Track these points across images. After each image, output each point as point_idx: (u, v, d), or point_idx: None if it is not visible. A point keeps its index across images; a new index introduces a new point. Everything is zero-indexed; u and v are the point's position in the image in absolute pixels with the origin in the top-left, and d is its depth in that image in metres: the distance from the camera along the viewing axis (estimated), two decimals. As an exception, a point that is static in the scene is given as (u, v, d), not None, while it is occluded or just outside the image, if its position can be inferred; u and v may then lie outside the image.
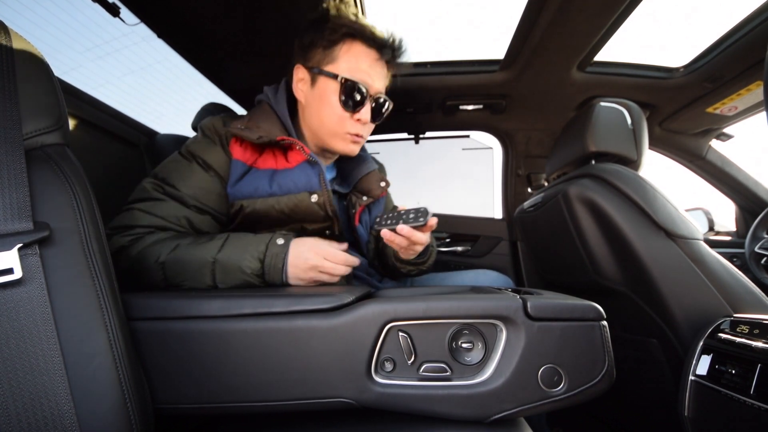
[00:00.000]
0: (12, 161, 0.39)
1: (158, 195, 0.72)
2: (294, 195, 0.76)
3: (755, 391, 0.62)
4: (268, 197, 0.76)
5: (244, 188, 0.76)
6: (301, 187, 0.77)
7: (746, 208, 1.62)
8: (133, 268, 0.65)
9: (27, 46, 0.45)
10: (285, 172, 0.78)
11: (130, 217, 0.70)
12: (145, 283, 0.66)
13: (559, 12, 0.99)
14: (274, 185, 0.76)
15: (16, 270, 0.37)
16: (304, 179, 0.77)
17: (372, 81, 0.80)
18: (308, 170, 0.78)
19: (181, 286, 0.66)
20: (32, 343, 0.37)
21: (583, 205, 0.98)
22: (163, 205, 0.71)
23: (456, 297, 0.53)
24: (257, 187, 0.76)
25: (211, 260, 0.65)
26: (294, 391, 0.49)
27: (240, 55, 1.19)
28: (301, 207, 0.77)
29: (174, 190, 0.73)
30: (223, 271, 0.65)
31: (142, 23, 1.04)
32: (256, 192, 0.76)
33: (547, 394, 0.49)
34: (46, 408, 0.37)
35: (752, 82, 1.24)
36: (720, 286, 0.83)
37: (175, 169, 0.75)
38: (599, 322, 0.51)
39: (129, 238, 0.67)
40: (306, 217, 0.78)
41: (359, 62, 0.79)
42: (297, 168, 0.78)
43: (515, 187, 1.80)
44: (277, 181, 0.77)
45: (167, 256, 0.65)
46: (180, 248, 0.66)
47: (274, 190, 0.76)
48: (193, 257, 0.65)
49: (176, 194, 0.72)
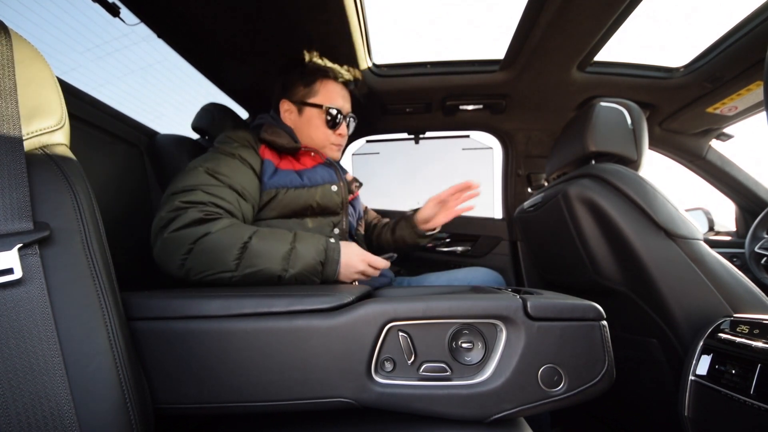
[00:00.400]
0: (12, 161, 0.39)
1: (215, 181, 0.83)
2: (320, 186, 0.99)
3: (755, 391, 0.62)
4: (301, 188, 0.96)
5: (280, 180, 0.95)
6: (326, 180, 1.01)
7: (746, 208, 1.62)
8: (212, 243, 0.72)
9: (27, 47, 0.45)
10: (308, 171, 1.00)
11: (197, 195, 0.78)
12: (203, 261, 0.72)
13: (559, 12, 0.99)
14: (305, 178, 0.98)
15: (16, 270, 0.37)
16: (327, 175, 1.02)
17: (344, 105, 1.08)
18: (328, 169, 1.04)
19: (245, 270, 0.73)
20: (32, 343, 0.37)
21: (583, 205, 0.98)
22: (222, 190, 0.82)
23: (456, 297, 0.53)
24: (291, 179, 0.96)
25: (290, 247, 0.77)
26: (294, 391, 0.49)
27: (240, 55, 1.19)
28: (325, 194, 0.99)
29: (227, 178, 0.84)
30: (297, 257, 0.76)
31: (142, 23, 1.04)
32: (291, 183, 0.96)
33: (547, 394, 0.49)
34: (46, 408, 0.37)
35: (752, 82, 1.24)
36: (720, 286, 0.83)
37: (222, 163, 0.86)
38: (599, 322, 0.51)
39: (202, 214, 0.75)
40: (325, 208, 0.99)
41: (334, 94, 1.06)
42: (318, 167, 1.02)
43: (515, 187, 1.80)
44: (306, 175, 0.99)
45: (251, 240, 0.75)
46: (258, 234, 0.77)
47: (305, 182, 0.98)
48: (273, 245, 0.76)
49: (229, 182, 0.84)
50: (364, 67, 1.32)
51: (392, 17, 4.24)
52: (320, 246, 0.80)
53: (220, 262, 0.72)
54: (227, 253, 0.72)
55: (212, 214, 0.77)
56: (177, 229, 0.73)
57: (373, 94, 1.44)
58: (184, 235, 0.72)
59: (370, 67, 1.36)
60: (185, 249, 0.71)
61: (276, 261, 0.75)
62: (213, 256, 0.72)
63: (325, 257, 0.79)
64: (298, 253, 0.77)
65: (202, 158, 0.89)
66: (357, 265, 0.83)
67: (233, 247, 0.73)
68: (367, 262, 0.85)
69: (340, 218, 1.02)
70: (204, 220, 0.75)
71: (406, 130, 1.81)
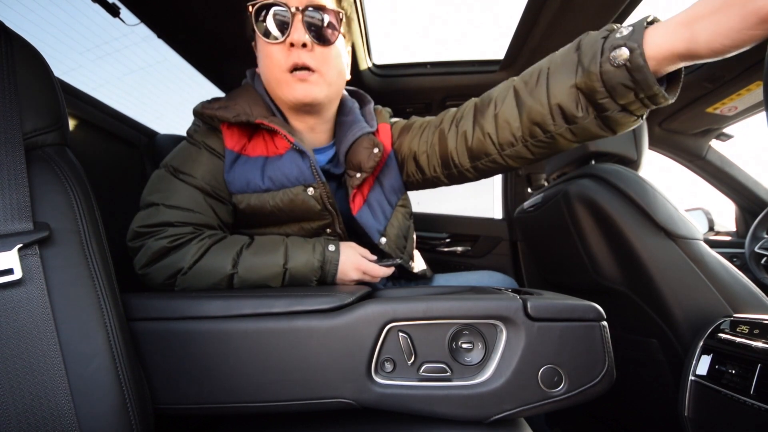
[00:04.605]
0: (12, 161, 0.39)
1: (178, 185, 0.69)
2: (289, 189, 0.72)
3: (755, 391, 0.62)
4: (263, 192, 0.73)
5: (237, 181, 0.72)
6: (294, 180, 0.72)
7: (746, 208, 1.62)
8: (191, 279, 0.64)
9: (27, 47, 0.45)
10: (275, 164, 0.73)
11: (158, 214, 0.66)
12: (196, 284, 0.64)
13: (559, 12, 0.99)
14: (266, 180, 0.72)
15: (16, 270, 0.37)
16: (296, 171, 0.72)
17: None
18: (298, 160, 0.72)
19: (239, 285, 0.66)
20: (32, 343, 0.37)
21: (583, 205, 0.98)
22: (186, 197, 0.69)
23: (456, 297, 0.53)
24: (249, 180, 0.72)
25: (282, 270, 0.67)
26: (294, 391, 0.49)
27: (240, 55, 1.19)
28: (296, 202, 0.73)
29: (191, 178, 0.70)
30: (290, 278, 0.68)
31: (142, 23, 1.04)
32: (249, 186, 0.72)
33: (547, 394, 0.49)
34: (46, 408, 0.37)
35: (752, 82, 1.24)
36: (720, 286, 0.83)
37: (187, 157, 0.72)
38: (599, 322, 0.51)
39: (166, 242, 0.64)
40: (303, 214, 0.75)
41: None
42: (286, 156, 0.72)
43: (515, 187, 1.80)
44: (268, 174, 0.72)
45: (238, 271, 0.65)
46: (242, 260, 0.66)
47: (268, 185, 0.72)
48: (261, 271, 0.66)
49: (194, 182, 0.69)
50: (364, 67, 1.32)
51: (392, 17, 4.24)
52: (315, 262, 0.69)
53: (211, 284, 0.65)
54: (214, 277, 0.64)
55: (180, 238, 0.65)
56: (144, 266, 0.64)
57: (373, 94, 1.44)
58: (154, 275, 0.63)
59: (370, 67, 1.36)
60: (166, 280, 0.64)
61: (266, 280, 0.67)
62: (203, 281, 0.64)
63: (321, 274, 0.70)
64: (292, 274, 0.68)
65: (170, 153, 0.74)
66: (350, 274, 0.73)
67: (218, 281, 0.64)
68: (362, 270, 0.74)
69: (330, 221, 0.78)
70: (170, 249, 0.64)
71: (406, 130, 1.81)
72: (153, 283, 0.65)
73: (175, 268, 0.64)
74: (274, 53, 0.68)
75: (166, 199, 0.67)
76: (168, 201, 0.67)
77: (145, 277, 0.65)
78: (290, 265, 0.68)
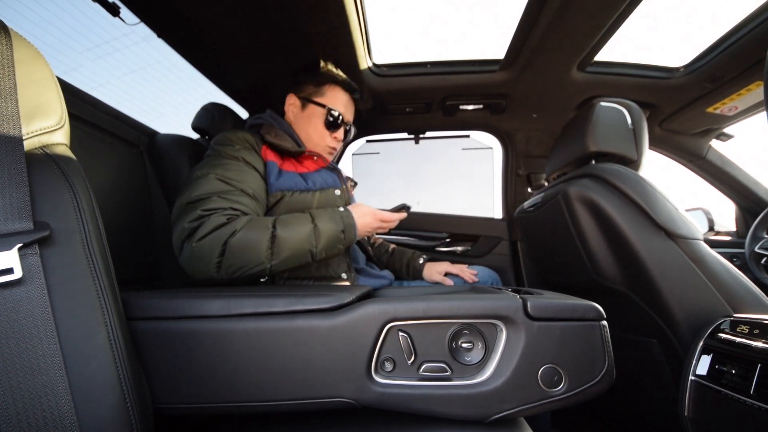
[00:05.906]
0: (12, 161, 0.39)
1: (228, 187, 0.86)
2: (325, 190, 1.03)
3: (755, 391, 0.62)
4: (306, 191, 0.99)
5: (285, 182, 0.97)
6: (330, 185, 1.05)
7: (746, 208, 1.62)
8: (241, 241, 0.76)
9: (27, 47, 0.45)
10: (312, 174, 1.03)
11: (215, 202, 0.81)
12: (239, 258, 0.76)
13: (559, 12, 0.99)
14: (309, 182, 1.01)
15: (16, 270, 0.37)
16: (330, 179, 1.06)
17: (346, 113, 1.13)
18: (331, 173, 1.07)
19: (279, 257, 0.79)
20: (32, 342, 0.37)
21: (583, 205, 0.98)
22: (237, 195, 0.85)
23: (456, 297, 0.53)
24: (296, 182, 0.99)
25: (311, 226, 0.84)
26: (294, 391, 0.49)
27: (240, 55, 1.19)
28: (329, 198, 1.02)
29: (238, 183, 0.87)
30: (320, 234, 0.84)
31: (142, 23, 1.04)
32: (296, 186, 0.98)
33: (547, 394, 0.49)
34: (46, 408, 0.37)
35: (752, 82, 1.24)
36: (720, 286, 0.83)
37: (229, 168, 0.89)
38: (599, 322, 0.51)
39: (225, 218, 0.79)
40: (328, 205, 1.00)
41: (339, 100, 1.11)
42: (321, 171, 1.06)
43: (515, 187, 1.80)
44: (311, 179, 1.02)
45: (276, 230, 0.80)
46: (280, 222, 0.82)
47: (310, 185, 1.01)
48: (295, 229, 0.82)
49: (240, 186, 0.87)
50: (364, 66, 1.32)
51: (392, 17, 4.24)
52: (336, 217, 0.88)
53: (255, 256, 0.77)
54: (258, 246, 0.78)
55: (233, 217, 0.81)
56: (204, 236, 0.77)
57: (373, 93, 1.44)
58: (212, 240, 0.76)
59: (370, 67, 1.36)
60: (218, 252, 0.75)
61: (303, 241, 0.82)
62: (247, 253, 0.77)
63: (343, 225, 0.88)
64: (320, 229, 0.84)
65: (207, 165, 0.90)
66: (371, 223, 0.94)
67: (262, 241, 0.78)
68: (379, 218, 0.95)
69: None
70: (227, 223, 0.79)
71: (406, 130, 1.81)
72: (206, 254, 0.76)
73: (229, 232, 0.77)
74: (325, 135, 1.11)
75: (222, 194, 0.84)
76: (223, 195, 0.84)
77: (200, 248, 0.76)
78: (317, 221, 0.85)
